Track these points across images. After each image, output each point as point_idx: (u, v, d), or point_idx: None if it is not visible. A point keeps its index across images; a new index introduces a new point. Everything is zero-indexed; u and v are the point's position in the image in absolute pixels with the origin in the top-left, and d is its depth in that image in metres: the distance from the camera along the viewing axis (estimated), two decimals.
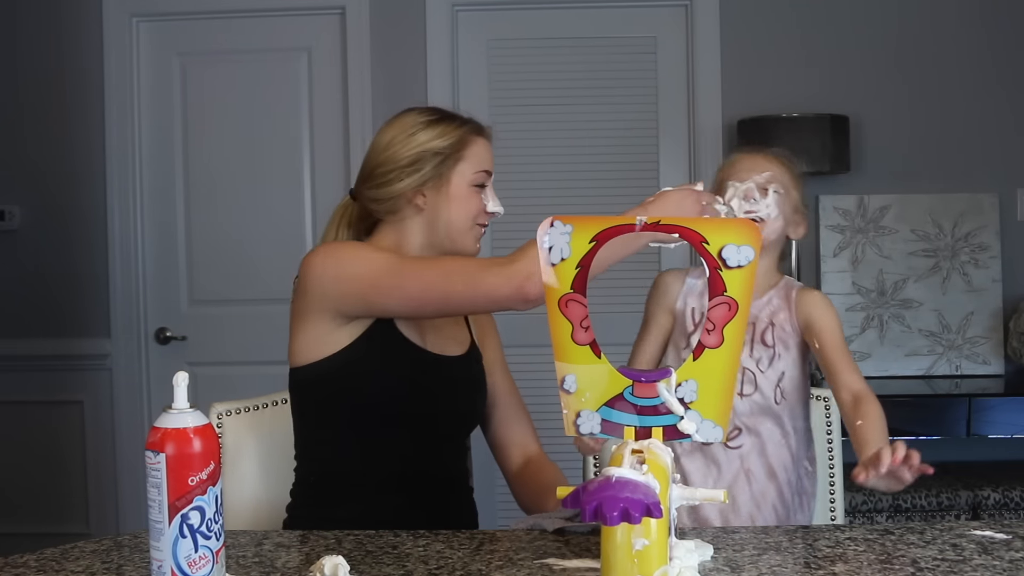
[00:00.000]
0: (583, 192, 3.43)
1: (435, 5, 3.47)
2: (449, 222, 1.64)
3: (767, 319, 1.65)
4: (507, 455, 1.74)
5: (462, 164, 1.64)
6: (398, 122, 1.68)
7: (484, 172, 1.67)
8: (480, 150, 1.67)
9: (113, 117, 3.50)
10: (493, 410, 1.75)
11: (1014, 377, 3.37)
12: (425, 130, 1.65)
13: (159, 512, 1.01)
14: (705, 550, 1.18)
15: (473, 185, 1.65)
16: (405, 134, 1.65)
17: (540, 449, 1.75)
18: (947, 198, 3.43)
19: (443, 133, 1.65)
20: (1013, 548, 1.19)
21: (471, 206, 1.65)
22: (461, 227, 1.65)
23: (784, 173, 1.67)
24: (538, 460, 1.72)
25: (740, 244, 1.04)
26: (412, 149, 1.64)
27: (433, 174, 1.63)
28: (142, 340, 3.54)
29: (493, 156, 1.71)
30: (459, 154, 1.64)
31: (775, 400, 1.62)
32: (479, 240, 1.68)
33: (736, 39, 3.45)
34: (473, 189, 1.65)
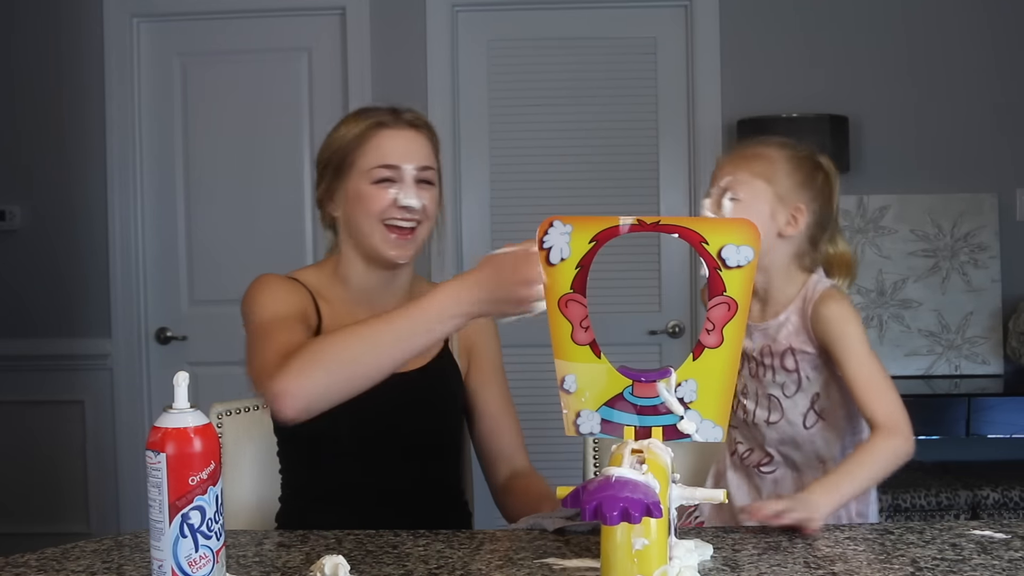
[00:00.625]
0: (583, 192, 3.43)
1: (435, 5, 3.47)
2: (355, 225, 1.57)
3: (785, 342, 1.52)
4: (493, 468, 1.69)
5: (357, 163, 1.56)
6: None
7: (385, 167, 1.54)
8: (382, 142, 1.56)
9: (113, 117, 3.50)
10: (481, 421, 1.70)
11: (1013, 377, 3.37)
12: (332, 134, 1.61)
13: (159, 512, 1.01)
14: (705, 550, 1.18)
15: (374, 182, 1.54)
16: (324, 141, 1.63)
17: (527, 463, 1.69)
18: (947, 198, 3.44)
19: (342, 136, 1.58)
20: (1012, 548, 1.19)
21: (370, 205, 1.54)
22: (366, 229, 1.56)
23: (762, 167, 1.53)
24: (524, 473, 1.66)
25: (740, 244, 1.05)
26: (319, 156, 1.62)
27: (332, 180, 1.59)
28: (142, 340, 3.54)
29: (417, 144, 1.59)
30: (355, 153, 1.56)
31: (804, 425, 1.52)
32: (395, 243, 1.56)
33: (736, 39, 3.45)
34: (373, 187, 1.54)
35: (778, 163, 1.54)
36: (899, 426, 1.41)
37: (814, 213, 1.55)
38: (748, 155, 1.56)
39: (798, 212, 1.53)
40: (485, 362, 1.71)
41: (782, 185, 1.53)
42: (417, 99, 3.44)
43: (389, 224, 1.55)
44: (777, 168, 1.53)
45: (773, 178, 1.53)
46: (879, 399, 1.43)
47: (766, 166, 1.53)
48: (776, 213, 1.52)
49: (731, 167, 1.54)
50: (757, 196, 1.52)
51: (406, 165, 1.55)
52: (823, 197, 1.56)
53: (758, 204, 1.51)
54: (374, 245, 1.56)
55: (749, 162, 1.54)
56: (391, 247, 1.55)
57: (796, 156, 1.56)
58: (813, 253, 1.57)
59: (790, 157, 1.55)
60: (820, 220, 1.56)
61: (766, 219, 1.51)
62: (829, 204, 1.58)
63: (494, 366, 1.72)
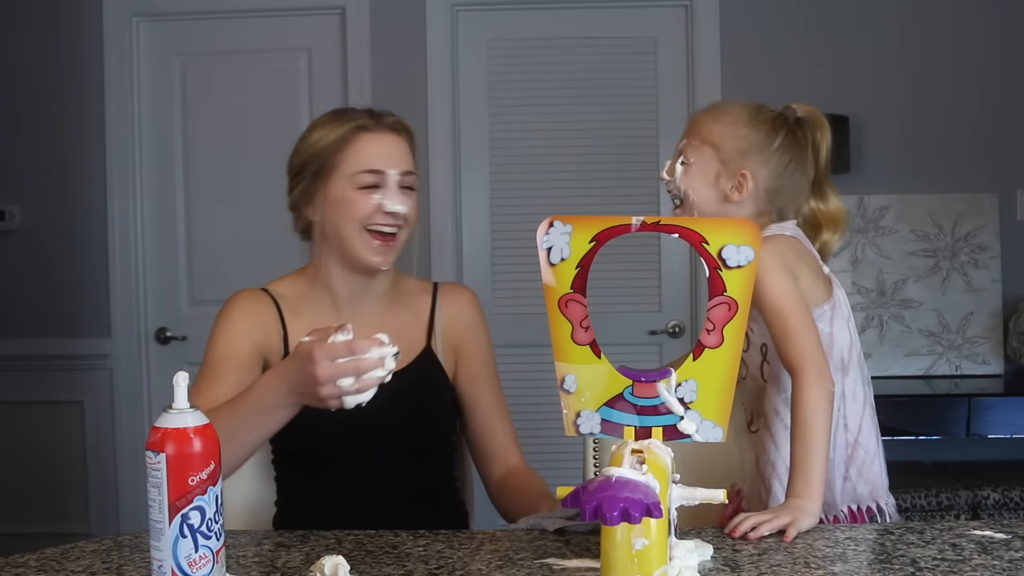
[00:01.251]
0: (583, 192, 3.43)
1: (435, 5, 3.47)
2: (336, 231, 1.54)
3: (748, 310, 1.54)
4: (487, 465, 1.68)
5: (340, 168, 1.53)
6: None
7: (370, 172, 1.52)
8: (366, 147, 1.53)
9: (113, 117, 3.50)
10: (473, 420, 1.68)
11: (1014, 377, 3.37)
12: (306, 136, 1.57)
13: (159, 512, 1.01)
14: (705, 550, 1.18)
15: (358, 188, 1.52)
16: (297, 143, 1.59)
17: (522, 460, 1.68)
18: (947, 198, 3.44)
19: (321, 138, 1.55)
20: (1013, 548, 1.19)
21: (356, 210, 1.52)
22: (348, 235, 1.53)
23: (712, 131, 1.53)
24: (519, 471, 1.65)
25: (740, 244, 1.05)
26: (295, 159, 1.58)
27: (311, 184, 1.56)
28: (142, 340, 3.54)
29: (399, 149, 1.56)
30: (335, 157, 1.53)
31: (763, 378, 1.51)
32: (378, 249, 1.54)
33: (736, 39, 3.45)
34: (357, 192, 1.52)
35: (728, 128, 1.53)
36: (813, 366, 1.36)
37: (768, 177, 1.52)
38: (706, 117, 1.56)
39: (743, 178, 1.52)
40: (474, 360, 1.68)
41: (728, 150, 1.52)
42: (417, 99, 3.45)
43: (372, 230, 1.53)
44: (726, 133, 1.53)
45: (720, 144, 1.53)
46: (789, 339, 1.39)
47: (716, 129, 1.53)
48: (721, 177, 1.52)
49: (691, 129, 1.56)
50: (704, 160, 1.53)
51: (391, 170, 1.53)
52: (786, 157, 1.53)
53: (704, 169, 1.53)
54: (356, 251, 1.54)
55: (704, 124, 1.55)
56: (374, 253, 1.54)
57: (751, 121, 1.53)
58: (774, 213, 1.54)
59: (744, 122, 1.53)
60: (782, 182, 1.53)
61: (711, 183, 1.53)
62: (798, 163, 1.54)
63: (484, 364, 1.69)
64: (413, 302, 1.67)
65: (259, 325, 1.57)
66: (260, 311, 1.58)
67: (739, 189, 1.52)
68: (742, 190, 1.52)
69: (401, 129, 1.58)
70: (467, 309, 1.70)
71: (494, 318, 3.54)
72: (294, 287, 1.63)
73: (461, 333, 1.68)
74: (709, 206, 1.53)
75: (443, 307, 1.67)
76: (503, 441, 1.68)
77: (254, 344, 1.55)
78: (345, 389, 1.22)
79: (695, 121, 1.57)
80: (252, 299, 1.60)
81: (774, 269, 1.42)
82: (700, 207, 1.53)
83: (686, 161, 1.53)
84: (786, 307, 1.41)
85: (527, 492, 1.59)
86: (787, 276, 1.44)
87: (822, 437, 1.34)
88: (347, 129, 1.53)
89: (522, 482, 1.62)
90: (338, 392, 1.22)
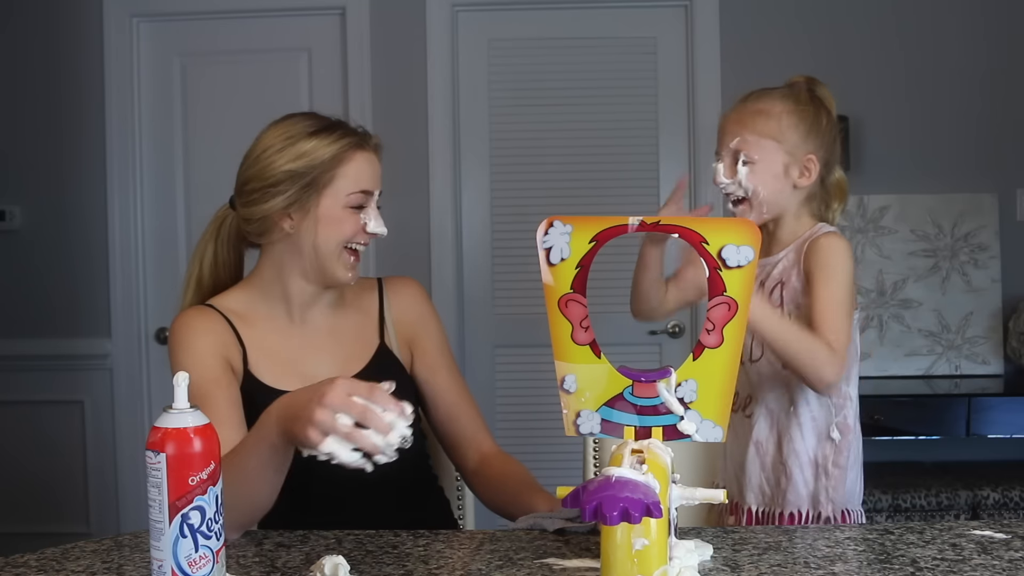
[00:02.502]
0: (583, 192, 3.43)
1: (435, 5, 3.47)
2: (316, 246, 1.52)
3: (778, 277, 1.58)
4: (460, 453, 1.67)
5: (334, 185, 1.50)
6: (272, 131, 1.55)
7: (361, 193, 1.51)
8: (359, 167, 1.52)
9: (113, 117, 3.50)
10: (436, 409, 1.67)
11: (1013, 377, 3.37)
12: (294, 145, 1.51)
13: (159, 512, 1.01)
14: (705, 550, 1.18)
15: (348, 207, 1.51)
16: (274, 149, 1.52)
17: (495, 445, 1.67)
18: (947, 198, 3.44)
19: (314, 150, 1.50)
20: (1012, 548, 1.19)
21: (343, 229, 1.51)
22: (328, 252, 1.52)
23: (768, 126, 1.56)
24: (495, 457, 1.64)
25: (740, 244, 1.05)
26: (279, 167, 1.51)
27: (299, 196, 1.50)
28: (142, 340, 3.54)
29: (379, 170, 1.56)
30: (330, 174, 1.50)
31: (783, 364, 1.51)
32: (352, 266, 1.54)
33: (736, 39, 3.45)
34: (347, 211, 1.51)
35: (783, 118, 1.56)
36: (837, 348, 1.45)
37: (823, 157, 1.59)
38: (752, 112, 1.57)
39: (810, 163, 1.57)
40: (429, 348, 1.67)
41: (790, 140, 1.56)
42: (417, 99, 3.45)
43: (349, 248, 1.53)
44: (783, 124, 1.56)
45: (781, 135, 1.56)
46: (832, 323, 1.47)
47: (772, 124, 1.56)
48: (790, 168, 1.57)
49: (737, 127, 1.57)
50: (768, 156, 1.55)
51: (375, 191, 1.54)
52: (829, 136, 1.61)
53: (771, 164, 1.55)
54: (331, 267, 1.53)
55: (754, 120, 1.56)
56: (348, 270, 1.54)
57: (799, 107, 1.59)
58: (822, 192, 1.63)
59: (793, 110, 1.58)
60: (828, 159, 1.61)
61: (780, 176, 1.56)
62: (835, 140, 1.64)
63: (439, 351, 1.68)
64: (361, 301, 1.66)
65: (217, 339, 1.53)
66: (213, 326, 1.54)
67: (807, 175, 1.58)
68: (811, 174, 1.58)
69: (379, 149, 1.58)
70: (415, 300, 1.69)
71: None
72: (240, 300, 1.58)
73: (412, 324, 1.67)
74: (781, 197, 1.58)
75: (391, 302, 1.67)
76: (470, 426, 1.67)
77: (221, 357, 1.51)
78: (338, 427, 1.12)
79: (742, 119, 1.57)
80: (200, 316, 1.55)
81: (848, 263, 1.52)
82: (772, 200, 1.57)
83: (749, 160, 1.55)
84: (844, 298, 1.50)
85: (511, 481, 1.57)
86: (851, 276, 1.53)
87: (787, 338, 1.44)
88: (342, 146, 1.51)
89: (503, 469, 1.61)
90: (330, 425, 1.12)
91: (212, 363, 1.50)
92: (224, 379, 1.50)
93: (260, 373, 1.54)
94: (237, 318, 1.56)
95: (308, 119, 1.55)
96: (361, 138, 1.54)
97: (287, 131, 1.53)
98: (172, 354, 1.53)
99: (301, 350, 1.58)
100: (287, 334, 1.59)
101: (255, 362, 1.54)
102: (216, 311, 1.57)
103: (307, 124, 1.54)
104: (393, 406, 1.13)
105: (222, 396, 1.47)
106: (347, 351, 1.60)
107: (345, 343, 1.61)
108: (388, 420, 1.13)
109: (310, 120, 1.55)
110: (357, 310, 1.65)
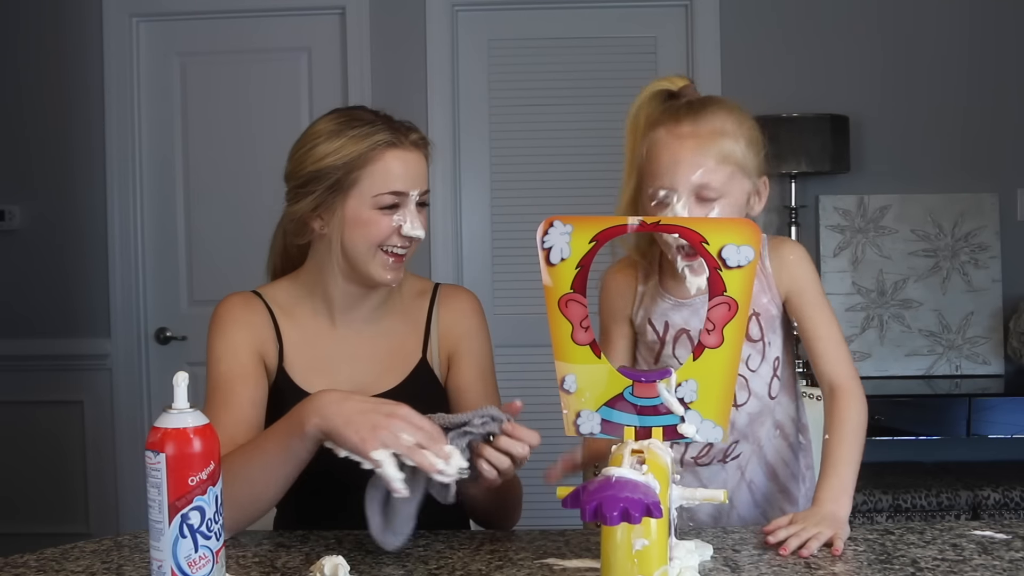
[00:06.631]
0: (583, 192, 3.42)
1: (435, 5, 3.47)
2: (346, 248, 1.46)
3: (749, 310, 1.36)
4: None
5: (360, 185, 1.43)
6: (311, 128, 1.50)
7: (392, 193, 1.43)
8: (390, 166, 1.44)
9: (113, 117, 3.50)
10: None
11: (1014, 377, 3.37)
12: (322, 144, 1.45)
13: (159, 512, 1.01)
14: (705, 550, 1.18)
15: (377, 208, 1.44)
16: (305, 147, 1.47)
17: None
18: (947, 198, 3.43)
19: (339, 150, 1.44)
20: (1013, 548, 1.19)
21: (372, 232, 1.44)
22: (360, 254, 1.46)
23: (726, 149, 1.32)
24: None
25: (740, 244, 1.05)
26: (307, 167, 1.46)
27: (325, 197, 1.45)
28: (142, 340, 3.54)
29: (421, 168, 1.48)
30: (356, 173, 1.43)
31: (770, 395, 1.43)
32: (391, 267, 1.47)
33: (736, 39, 3.45)
34: (376, 212, 1.44)
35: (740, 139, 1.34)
36: (859, 385, 1.36)
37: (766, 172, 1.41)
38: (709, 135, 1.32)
39: (763, 186, 1.39)
40: (466, 368, 1.59)
41: (751, 164, 1.36)
42: (417, 99, 3.45)
43: (387, 250, 1.46)
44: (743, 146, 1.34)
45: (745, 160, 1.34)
46: (841, 359, 1.37)
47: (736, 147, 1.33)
48: (751, 196, 1.39)
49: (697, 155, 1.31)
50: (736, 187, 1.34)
51: (412, 191, 1.45)
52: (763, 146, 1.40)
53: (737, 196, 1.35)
54: (368, 269, 1.47)
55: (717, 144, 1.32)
56: (388, 271, 1.47)
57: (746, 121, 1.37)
58: None
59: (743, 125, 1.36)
60: None
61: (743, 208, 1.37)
62: None
63: (477, 372, 1.59)
64: (409, 307, 1.59)
65: (255, 333, 1.51)
66: (254, 319, 1.52)
67: (759, 199, 1.40)
68: (762, 199, 1.40)
69: (423, 146, 1.50)
70: (465, 315, 1.61)
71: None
72: (288, 292, 1.57)
73: (457, 338, 1.59)
74: None
75: (441, 313, 1.59)
76: None
77: (254, 352, 1.50)
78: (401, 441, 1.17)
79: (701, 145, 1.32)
80: (244, 304, 1.53)
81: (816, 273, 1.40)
82: None
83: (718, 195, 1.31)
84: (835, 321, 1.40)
85: None
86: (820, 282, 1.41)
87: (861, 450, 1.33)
88: (370, 144, 1.43)
89: None
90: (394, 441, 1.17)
91: (245, 358, 1.48)
92: (252, 377, 1.48)
93: (293, 372, 1.51)
94: (281, 311, 1.54)
95: (343, 116, 1.48)
96: (396, 136, 1.45)
97: (321, 128, 1.48)
98: (209, 337, 1.51)
99: (338, 355, 1.54)
100: (327, 336, 1.54)
101: (290, 360, 1.52)
102: (262, 301, 1.55)
103: (340, 122, 1.47)
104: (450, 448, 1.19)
105: (246, 395, 1.46)
106: (385, 363, 1.54)
107: (384, 354, 1.55)
108: (445, 453, 1.19)
109: (346, 117, 1.48)
110: (404, 318, 1.58)
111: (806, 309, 1.39)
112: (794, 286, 1.40)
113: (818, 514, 1.24)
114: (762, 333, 1.41)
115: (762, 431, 1.46)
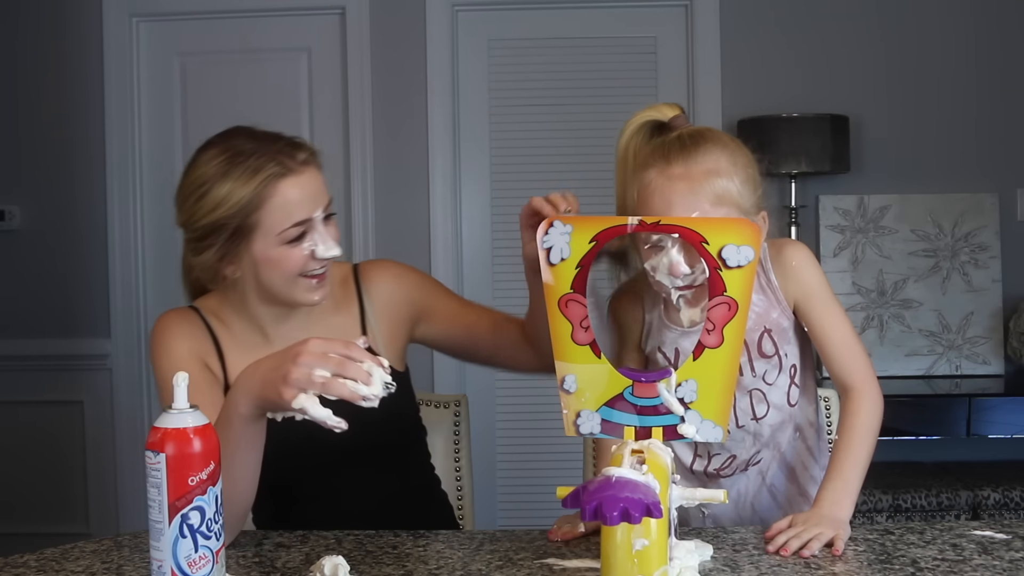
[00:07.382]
0: (583, 192, 3.40)
1: (435, 5, 3.47)
2: (264, 285, 1.43)
3: (758, 328, 1.37)
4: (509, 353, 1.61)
5: (262, 226, 1.38)
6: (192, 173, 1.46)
7: (295, 225, 1.38)
8: (287, 198, 1.37)
9: (113, 117, 3.50)
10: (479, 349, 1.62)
11: (1014, 377, 3.37)
12: (211, 191, 1.40)
13: (159, 512, 1.01)
14: (705, 550, 1.18)
15: (284, 243, 1.38)
16: (194, 197, 1.43)
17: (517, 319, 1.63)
18: (947, 198, 3.43)
19: (230, 195, 1.38)
20: (1013, 548, 1.19)
21: (286, 266, 1.40)
22: (279, 287, 1.42)
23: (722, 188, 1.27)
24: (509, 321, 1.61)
25: (740, 244, 1.05)
26: (201, 219, 1.41)
27: (229, 247, 1.40)
28: (142, 340, 3.54)
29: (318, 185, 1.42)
30: (254, 217, 1.37)
31: (789, 403, 1.43)
32: (316, 288, 1.44)
33: (736, 39, 3.45)
34: (285, 248, 1.39)
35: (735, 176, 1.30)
36: (873, 385, 1.35)
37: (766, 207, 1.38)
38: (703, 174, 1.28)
39: (763, 222, 1.35)
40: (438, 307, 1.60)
41: (748, 200, 1.32)
42: (417, 99, 3.44)
43: (307, 274, 1.42)
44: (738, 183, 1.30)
45: (741, 198, 1.30)
46: (854, 359, 1.36)
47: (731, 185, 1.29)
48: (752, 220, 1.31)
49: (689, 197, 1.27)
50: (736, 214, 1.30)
51: (315, 214, 1.40)
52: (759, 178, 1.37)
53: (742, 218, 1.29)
54: (294, 297, 1.44)
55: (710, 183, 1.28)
56: (313, 293, 1.44)
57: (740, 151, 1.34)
58: None
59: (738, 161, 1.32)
60: None
61: None
62: None
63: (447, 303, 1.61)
64: (339, 300, 1.56)
65: (197, 345, 1.49)
66: (194, 331, 1.50)
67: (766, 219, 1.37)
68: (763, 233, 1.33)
69: (313, 160, 1.44)
70: (396, 283, 1.59)
71: None
72: (221, 302, 1.54)
73: (409, 305, 1.58)
74: None
75: (370, 294, 1.57)
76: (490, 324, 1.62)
77: (199, 361, 1.48)
78: (314, 380, 1.10)
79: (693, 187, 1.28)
80: (182, 319, 1.51)
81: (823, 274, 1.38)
82: None
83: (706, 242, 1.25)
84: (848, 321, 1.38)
85: None
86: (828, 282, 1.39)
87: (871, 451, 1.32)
88: (260, 181, 1.37)
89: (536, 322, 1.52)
90: (305, 380, 1.10)
91: (193, 367, 1.45)
92: (205, 383, 1.45)
93: None
94: (218, 323, 1.52)
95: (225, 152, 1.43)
96: (283, 163, 1.39)
97: (205, 172, 1.42)
98: (153, 357, 1.49)
99: None
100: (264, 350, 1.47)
101: (233, 370, 1.49)
102: (197, 314, 1.53)
103: (223, 160, 1.41)
104: (367, 356, 1.12)
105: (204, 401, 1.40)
106: None
107: None
108: (366, 369, 1.11)
109: (228, 152, 1.42)
110: (336, 310, 1.55)
111: (814, 314, 1.38)
112: (801, 293, 1.38)
113: (818, 515, 1.24)
114: (776, 348, 1.39)
115: (783, 436, 1.47)
